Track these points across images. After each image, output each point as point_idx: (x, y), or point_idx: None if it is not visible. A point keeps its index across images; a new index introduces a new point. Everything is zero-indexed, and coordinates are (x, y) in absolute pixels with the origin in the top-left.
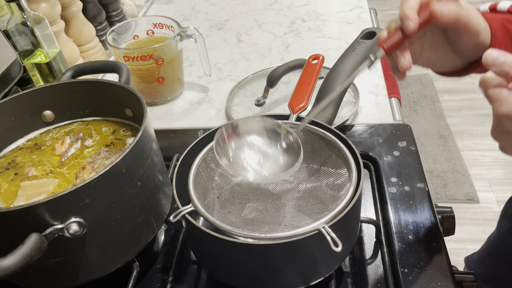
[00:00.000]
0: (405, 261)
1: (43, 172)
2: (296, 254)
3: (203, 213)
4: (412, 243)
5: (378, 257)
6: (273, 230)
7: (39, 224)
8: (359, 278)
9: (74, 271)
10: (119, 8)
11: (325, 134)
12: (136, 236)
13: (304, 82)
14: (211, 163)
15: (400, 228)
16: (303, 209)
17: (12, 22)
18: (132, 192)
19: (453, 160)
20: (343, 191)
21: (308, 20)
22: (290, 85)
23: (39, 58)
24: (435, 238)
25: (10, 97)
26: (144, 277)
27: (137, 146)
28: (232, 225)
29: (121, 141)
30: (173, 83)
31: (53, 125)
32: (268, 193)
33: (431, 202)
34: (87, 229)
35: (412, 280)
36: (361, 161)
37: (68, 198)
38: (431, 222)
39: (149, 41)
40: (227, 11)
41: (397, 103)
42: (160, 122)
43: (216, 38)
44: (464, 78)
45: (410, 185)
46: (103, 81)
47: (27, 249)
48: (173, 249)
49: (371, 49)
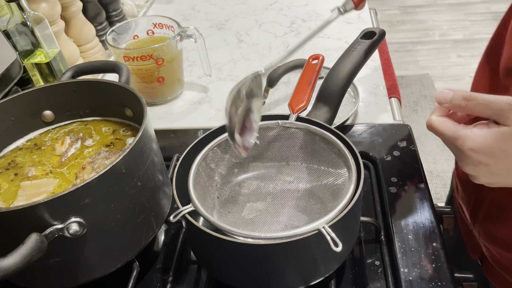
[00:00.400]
0: (405, 261)
1: (43, 172)
2: (296, 254)
3: (203, 213)
4: (412, 243)
5: (378, 257)
6: (273, 230)
7: (39, 224)
8: (359, 278)
9: (74, 271)
10: (119, 8)
11: (325, 134)
12: (136, 236)
13: (304, 82)
14: (211, 163)
15: (400, 228)
16: (303, 209)
17: (12, 22)
18: (132, 192)
19: (453, 160)
20: (343, 191)
21: (308, 20)
22: (290, 85)
23: (39, 58)
24: (435, 238)
25: (10, 97)
26: (144, 277)
27: (137, 146)
28: (232, 225)
29: (121, 141)
30: (173, 83)
31: (53, 125)
32: (268, 193)
33: (431, 202)
34: (87, 229)
35: (412, 280)
36: (361, 161)
37: (68, 198)
38: (431, 222)
39: (149, 41)
40: (227, 11)
41: (397, 103)
42: (160, 122)
43: (216, 38)
44: (464, 78)
45: (410, 185)
46: (103, 81)
47: (27, 249)
48: (173, 249)
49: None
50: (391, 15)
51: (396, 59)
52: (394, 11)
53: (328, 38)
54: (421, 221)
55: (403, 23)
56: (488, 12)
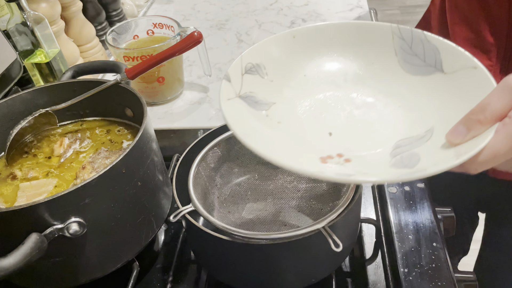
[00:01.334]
0: (405, 261)
1: (43, 173)
2: (296, 254)
3: (203, 213)
4: (412, 243)
5: (378, 257)
6: (273, 230)
7: (39, 224)
8: (359, 278)
9: (74, 271)
10: (119, 8)
11: None
12: (136, 236)
13: None
14: (211, 163)
15: (400, 228)
16: (303, 209)
17: (12, 22)
18: (132, 192)
19: None
20: (343, 191)
21: (308, 20)
22: None
23: (39, 58)
24: (435, 238)
25: (10, 97)
26: (144, 277)
27: (137, 146)
28: (232, 225)
29: (120, 141)
30: (173, 83)
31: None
32: (268, 193)
33: (431, 202)
34: (87, 229)
35: (412, 280)
36: None
37: (68, 198)
38: (431, 222)
39: (149, 41)
40: (227, 11)
41: None
42: (160, 122)
43: (216, 38)
44: None
45: (410, 185)
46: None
47: (27, 249)
48: (173, 249)
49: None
50: (391, 15)
51: None
52: (394, 11)
53: None
54: (421, 221)
55: (403, 23)
56: None
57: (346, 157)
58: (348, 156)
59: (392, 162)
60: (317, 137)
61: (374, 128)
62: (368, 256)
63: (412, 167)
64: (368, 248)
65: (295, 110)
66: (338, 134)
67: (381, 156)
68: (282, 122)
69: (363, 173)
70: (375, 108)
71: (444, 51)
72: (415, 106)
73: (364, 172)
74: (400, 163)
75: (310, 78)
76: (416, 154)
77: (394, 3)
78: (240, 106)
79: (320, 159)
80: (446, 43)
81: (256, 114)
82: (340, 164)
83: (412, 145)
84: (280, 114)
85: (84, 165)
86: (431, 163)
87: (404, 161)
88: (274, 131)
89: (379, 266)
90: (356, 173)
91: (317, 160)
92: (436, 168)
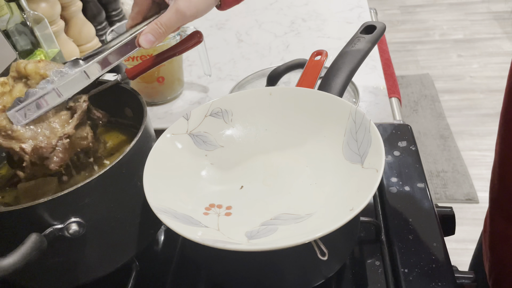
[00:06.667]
0: (405, 261)
1: None
2: (297, 256)
3: None
4: (412, 243)
5: (378, 257)
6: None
7: (39, 224)
8: (359, 278)
9: (74, 271)
10: (119, 8)
11: None
12: (136, 236)
13: (305, 80)
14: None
15: (400, 228)
16: None
17: (11, 22)
18: (132, 192)
19: (453, 160)
20: None
21: (308, 20)
22: (290, 85)
23: (38, 58)
24: (435, 238)
25: None
26: (144, 277)
27: (137, 146)
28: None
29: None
30: (173, 83)
31: None
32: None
33: (431, 202)
34: (87, 229)
35: (413, 280)
36: None
37: (68, 198)
38: (431, 222)
39: None
40: (227, 11)
41: (397, 103)
42: (160, 122)
43: (216, 38)
44: (464, 78)
45: (410, 185)
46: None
47: (27, 249)
48: (173, 249)
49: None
50: (391, 15)
51: (396, 59)
52: (394, 10)
53: (328, 38)
54: (421, 221)
55: (403, 23)
56: (488, 12)
57: (228, 211)
58: (231, 211)
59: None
60: (227, 187)
61: (277, 196)
62: (368, 256)
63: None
64: (368, 248)
65: (235, 158)
66: (248, 190)
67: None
68: (214, 164)
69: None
70: (297, 178)
71: (373, 146)
72: (326, 188)
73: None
74: (256, 234)
75: (270, 133)
76: (275, 229)
77: (394, 3)
78: (179, 143)
79: (205, 208)
80: (379, 138)
81: (196, 151)
82: (217, 214)
83: (284, 221)
84: (219, 157)
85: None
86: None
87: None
88: (196, 171)
89: (379, 266)
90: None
91: (202, 209)
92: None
